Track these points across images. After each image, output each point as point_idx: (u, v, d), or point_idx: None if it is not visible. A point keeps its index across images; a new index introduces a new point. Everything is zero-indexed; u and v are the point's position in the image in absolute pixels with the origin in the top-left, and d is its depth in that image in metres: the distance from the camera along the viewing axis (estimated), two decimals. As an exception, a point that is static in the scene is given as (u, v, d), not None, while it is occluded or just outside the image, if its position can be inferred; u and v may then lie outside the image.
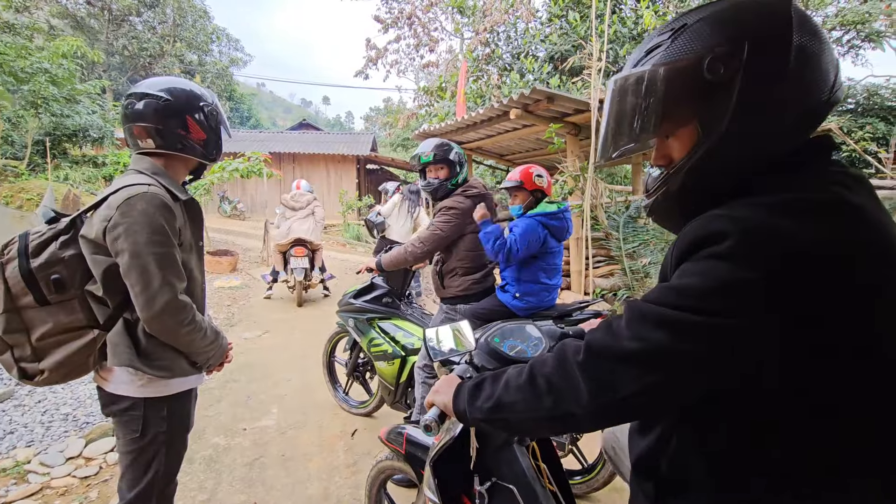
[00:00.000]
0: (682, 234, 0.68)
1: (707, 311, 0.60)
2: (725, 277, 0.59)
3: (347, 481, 2.36)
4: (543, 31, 10.34)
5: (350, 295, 2.87)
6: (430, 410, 0.92)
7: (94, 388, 3.23)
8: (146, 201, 1.22)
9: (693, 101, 0.69)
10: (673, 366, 0.62)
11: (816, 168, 0.67)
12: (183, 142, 1.38)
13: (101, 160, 10.51)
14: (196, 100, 1.41)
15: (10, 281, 1.19)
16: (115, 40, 20.59)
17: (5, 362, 1.24)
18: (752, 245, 0.59)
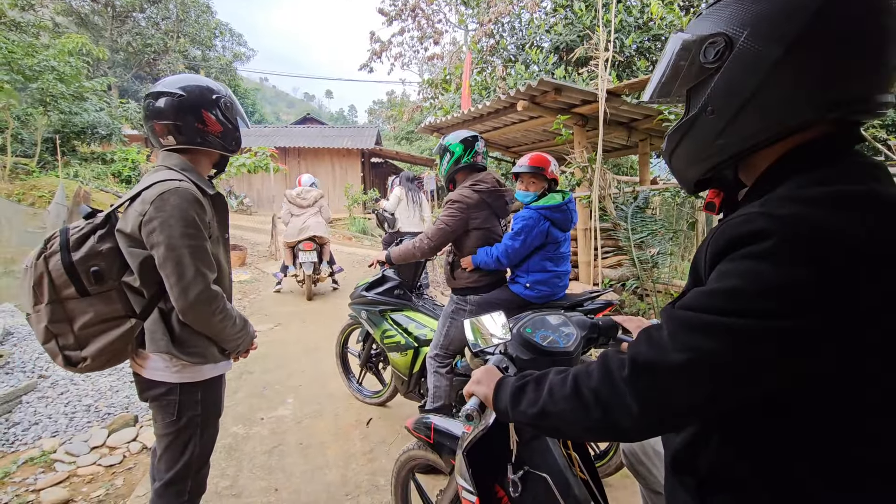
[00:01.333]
0: (718, 233, 0.66)
1: (756, 314, 0.58)
2: (772, 278, 0.58)
3: (364, 468, 2.42)
4: (548, 21, 10.26)
5: (362, 287, 2.91)
6: (470, 400, 0.94)
7: (114, 380, 3.32)
8: (179, 196, 1.28)
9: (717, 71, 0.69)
10: (725, 374, 0.61)
11: (847, 159, 0.66)
12: (202, 136, 1.43)
13: (110, 157, 10.60)
14: (209, 93, 1.45)
15: (53, 273, 1.25)
16: (119, 37, 20.63)
17: (51, 350, 1.31)
18: (796, 243, 0.57)
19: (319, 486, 2.28)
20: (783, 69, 0.63)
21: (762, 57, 0.63)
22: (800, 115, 0.64)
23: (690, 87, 0.74)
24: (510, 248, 2.30)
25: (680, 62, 0.73)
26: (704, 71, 0.70)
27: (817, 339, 0.57)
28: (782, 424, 0.65)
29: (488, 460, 1.18)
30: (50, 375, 3.34)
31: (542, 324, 1.15)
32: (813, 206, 0.59)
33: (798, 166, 0.67)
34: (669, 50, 0.75)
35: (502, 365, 1.03)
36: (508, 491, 1.13)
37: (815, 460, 0.63)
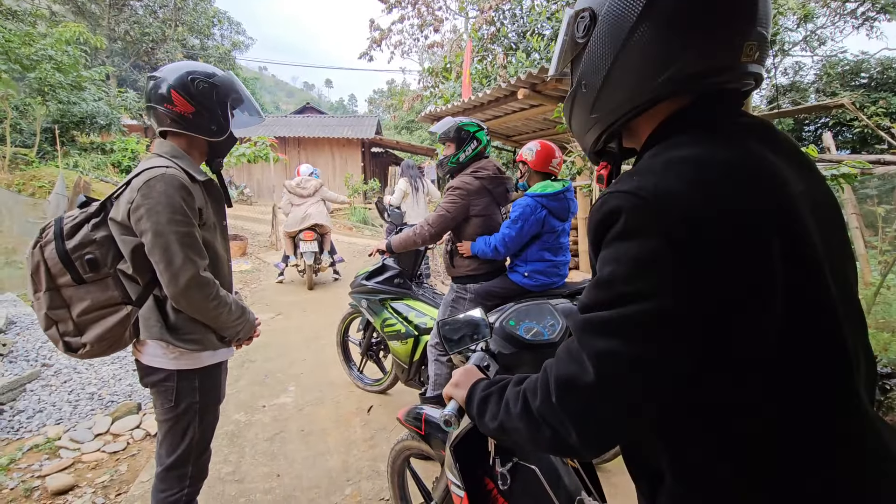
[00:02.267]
0: (590, 214, 0.65)
1: (633, 297, 0.56)
2: (634, 254, 0.56)
3: (365, 454, 2.45)
4: (549, 7, 10.13)
5: (362, 276, 2.92)
6: (448, 404, 0.90)
7: (117, 368, 3.34)
8: (165, 182, 1.27)
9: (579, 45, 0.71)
10: (636, 374, 0.57)
11: (720, 123, 0.65)
12: (174, 118, 1.38)
13: (109, 147, 10.56)
14: (183, 73, 1.37)
15: (49, 261, 1.27)
16: (116, 25, 20.42)
17: (52, 336, 1.33)
18: (639, 216, 0.57)
19: (321, 472, 2.31)
20: (633, 43, 0.62)
21: (616, 31, 0.64)
22: (651, 88, 0.64)
23: (570, 62, 0.74)
24: (507, 237, 2.30)
25: (564, 37, 0.73)
26: (577, 45, 0.70)
27: (695, 309, 0.55)
28: (690, 417, 0.62)
29: (478, 453, 1.16)
30: (53, 364, 3.37)
31: (527, 314, 1.12)
32: (653, 175, 0.59)
33: (668, 134, 0.66)
34: (562, 25, 0.74)
35: (483, 363, 0.98)
36: (497, 483, 1.12)
37: (721, 446, 0.60)
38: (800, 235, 0.58)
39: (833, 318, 0.59)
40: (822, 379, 0.58)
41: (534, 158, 2.43)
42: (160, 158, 1.36)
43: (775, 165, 0.61)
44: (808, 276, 0.58)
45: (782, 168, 0.62)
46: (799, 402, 0.58)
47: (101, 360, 3.50)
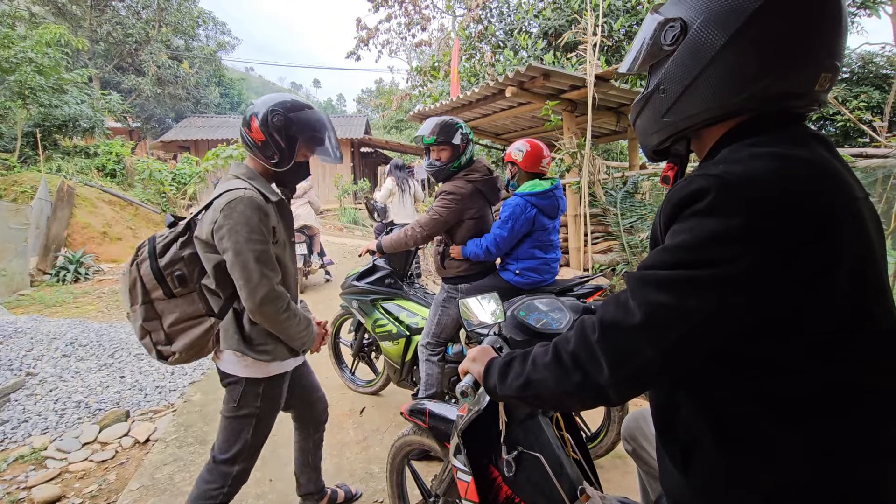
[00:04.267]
0: (666, 199, 0.71)
1: (700, 264, 0.63)
2: (710, 228, 0.62)
3: (359, 456, 2.43)
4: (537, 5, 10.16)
5: (353, 277, 2.90)
6: (465, 377, 0.96)
7: (104, 376, 3.29)
8: (244, 204, 1.38)
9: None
10: (682, 324, 0.64)
11: (785, 131, 0.71)
12: (246, 140, 1.53)
13: (93, 150, 10.38)
14: (270, 104, 1.51)
15: (144, 278, 1.42)
16: (98, 27, 20.08)
17: (146, 345, 1.47)
18: (727, 195, 0.62)
19: (314, 476, 2.29)
20: (722, 59, 0.68)
21: (708, 46, 0.69)
22: (731, 104, 0.70)
23: (651, 65, 0.78)
24: (499, 238, 2.30)
25: (647, 40, 0.78)
26: (662, 52, 0.75)
27: (755, 284, 0.61)
28: (733, 375, 0.68)
29: (483, 442, 1.19)
30: (38, 373, 3.31)
31: (536, 307, 1.17)
32: (740, 164, 0.65)
33: (738, 138, 0.73)
34: (643, 27, 0.79)
35: (496, 345, 1.05)
36: (503, 471, 1.15)
37: (766, 404, 0.66)
38: (866, 234, 0.66)
39: (889, 299, 0.67)
40: (881, 349, 0.65)
41: (523, 160, 2.43)
42: (238, 180, 1.47)
43: (842, 172, 0.68)
44: (865, 262, 0.65)
45: (846, 175, 0.69)
46: (857, 367, 0.64)
47: (88, 367, 3.45)
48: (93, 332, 4.08)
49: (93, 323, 4.44)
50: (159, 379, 3.35)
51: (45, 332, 4.01)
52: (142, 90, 21.24)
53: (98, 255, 7.16)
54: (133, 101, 21.39)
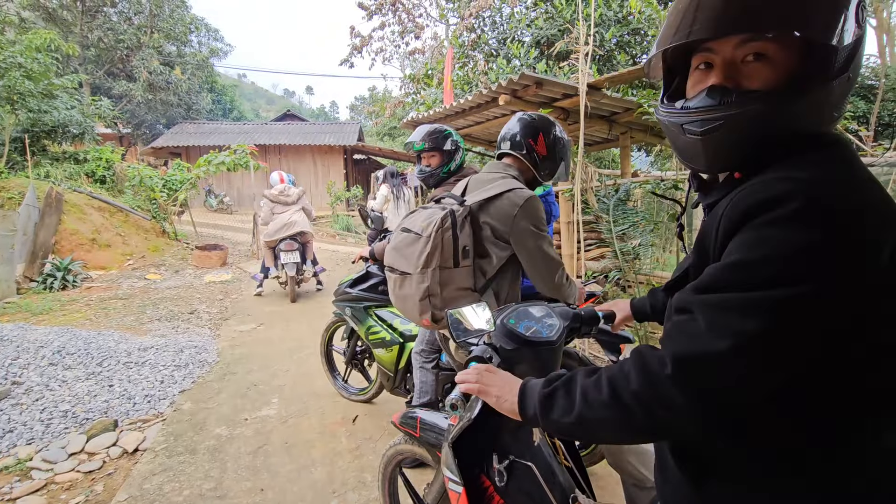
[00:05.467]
0: (732, 205, 0.65)
1: (790, 281, 0.57)
2: (798, 240, 0.57)
3: (351, 465, 2.41)
4: (529, 15, 10.27)
5: (346, 284, 2.89)
6: (455, 389, 0.94)
7: (92, 384, 3.23)
8: (537, 202, 1.66)
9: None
10: (776, 351, 0.58)
11: (834, 147, 0.69)
12: (527, 147, 1.79)
13: (83, 156, 10.27)
14: (556, 127, 1.83)
15: (444, 245, 1.62)
16: (89, 32, 19.95)
17: (423, 306, 1.65)
18: (818, 205, 0.58)
19: (306, 485, 2.26)
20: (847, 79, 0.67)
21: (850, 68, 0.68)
22: (832, 119, 0.70)
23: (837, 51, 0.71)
24: None
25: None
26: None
27: (849, 299, 0.57)
28: (787, 400, 0.64)
29: (474, 451, 1.18)
30: (24, 382, 3.25)
31: (526, 315, 1.15)
32: (815, 169, 0.61)
33: (791, 151, 0.68)
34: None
35: (486, 355, 1.03)
36: (494, 480, 1.14)
37: (819, 436, 0.63)
38: None
39: None
40: None
41: None
42: (515, 180, 1.72)
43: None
44: None
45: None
46: None
47: (75, 376, 3.39)
48: (80, 341, 4.02)
49: (80, 331, 4.37)
50: (148, 388, 3.30)
51: (31, 341, 3.94)
52: (133, 96, 21.10)
53: (86, 263, 7.06)
54: (124, 107, 21.24)
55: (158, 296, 6.02)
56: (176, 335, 4.49)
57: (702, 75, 0.75)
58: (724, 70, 0.71)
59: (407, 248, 1.68)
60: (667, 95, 0.85)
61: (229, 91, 34.68)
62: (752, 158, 0.70)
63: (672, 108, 0.77)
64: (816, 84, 0.66)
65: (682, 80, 0.82)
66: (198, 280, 7.00)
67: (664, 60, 0.84)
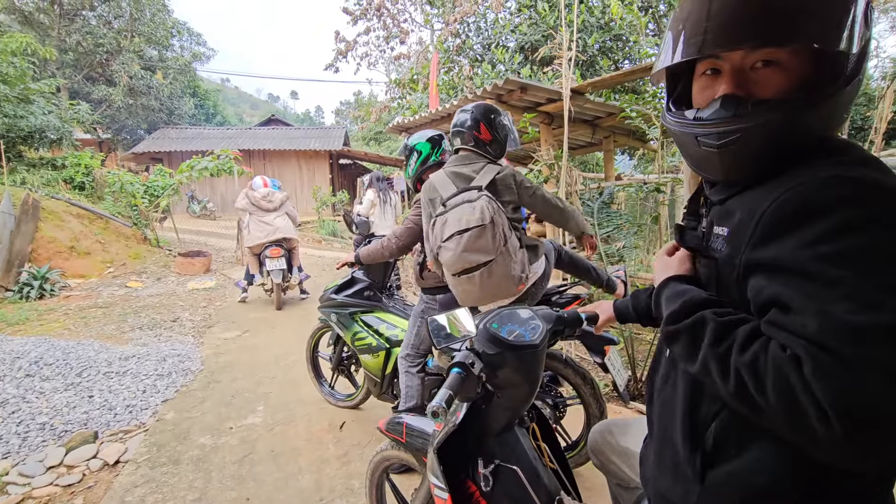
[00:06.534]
0: (781, 202, 0.63)
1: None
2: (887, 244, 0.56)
3: (339, 472, 2.39)
4: (513, 21, 10.37)
5: (331, 290, 2.87)
6: (437, 396, 0.93)
7: (71, 395, 3.15)
8: (515, 169, 2.05)
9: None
10: None
11: (844, 150, 0.69)
12: (475, 139, 2.05)
13: (61, 162, 10.04)
14: (486, 112, 2.05)
15: (504, 222, 1.85)
16: (67, 36, 19.56)
17: (515, 277, 1.87)
18: (885, 200, 0.58)
19: (292, 493, 2.24)
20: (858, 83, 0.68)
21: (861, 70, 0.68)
22: (841, 121, 0.71)
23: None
24: None
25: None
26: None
27: None
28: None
29: (459, 456, 1.18)
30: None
31: (509, 318, 1.15)
32: (873, 170, 0.61)
33: (808, 152, 0.68)
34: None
35: (468, 360, 1.03)
36: (480, 485, 1.14)
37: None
38: None
39: None
40: None
41: None
42: (492, 164, 2.04)
43: None
44: None
45: None
46: None
47: (53, 387, 3.31)
48: (59, 351, 3.92)
49: (59, 341, 4.26)
50: (130, 398, 3.23)
51: (6, 351, 3.83)
52: (113, 101, 20.72)
53: (65, 271, 6.90)
54: (104, 112, 20.83)
55: (140, 304, 5.91)
56: (158, 344, 4.41)
57: (709, 81, 0.75)
58: (734, 77, 0.71)
59: (477, 242, 1.78)
60: (672, 101, 0.83)
61: (212, 96, 34.28)
62: (770, 165, 0.70)
63: (683, 119, 0.76)
64: (830, 90, 0.66)
65: (686, 84, 0.81)
66: (181, 287, 6.89)
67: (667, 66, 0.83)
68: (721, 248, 0.73)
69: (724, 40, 0.67)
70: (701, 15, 0.69)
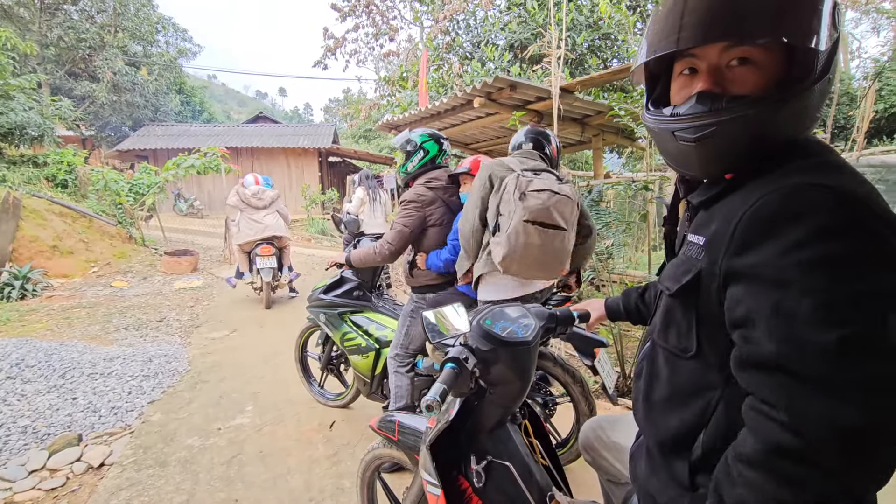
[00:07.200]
0: (755, 210, 0.64)
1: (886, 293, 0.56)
2: (872, 249, 0.57)
3: (329, 472, 2.37)
4: (503, 19, 10.37)
5: (320, 290, 2.84)
6: (431, 390, 0.93)
7: (54, 398, 3.09)
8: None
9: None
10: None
11: (816, 153, 0.71)
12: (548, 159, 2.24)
13: (43, 160, 9.83)
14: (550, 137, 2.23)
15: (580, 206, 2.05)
16: (49, 31, 19.13)
17: (567, 255, 2.01)
18: (857, 209, 0.59)
19: (282, 494, 2.21)
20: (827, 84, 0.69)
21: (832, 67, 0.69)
22: (814, 120, 0.72)
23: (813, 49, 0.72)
24: (459, 249, 2.30)
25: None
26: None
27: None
28: None
29: (452, 453, 1.18)
30: (-21, 397, 3.08)
31: (502, 315, 1.15)
32: (848, 177, 0.63)
33: (787, 154, 0.71)
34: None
35: (462, 356, 1.03)
36: (472, 481, 1.14)
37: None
38: None
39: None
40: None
41: (467, 165, 2.41)
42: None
43: None
44: None
45: None
46: None
47: (35, 389, 3.24)
48: (41, 352, 3.84)
49: (41, 342, 4.17)
50: (115, 399, 3.18)
51: (-13, 353, 3.74)
52: (96, 97, 20.34)
53: (47, 270, 6.76)
54: (87, 109, 20.45)
55: (125, 304, 5.81)
56: (144, 344, 4.34)
57: (686, 80, 0.76)
58: (711, 75, 0.73)
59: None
60: (651, 101, 0.85)
61: (199, 93, 33.81)
62: (745, 162, 0.72)
63: (660, 115, 0.78)
64: (801, 88, 0.68)
65: (665, 85, 0.83)
66: (167, 287, 6.79)
67: (646, 66, 0.85)
68: (698, 256, 0.74)
69: (700, 36, 0.69)
70: (677, 12, 0.71)
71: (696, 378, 0.76)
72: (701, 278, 0.73)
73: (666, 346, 0.82)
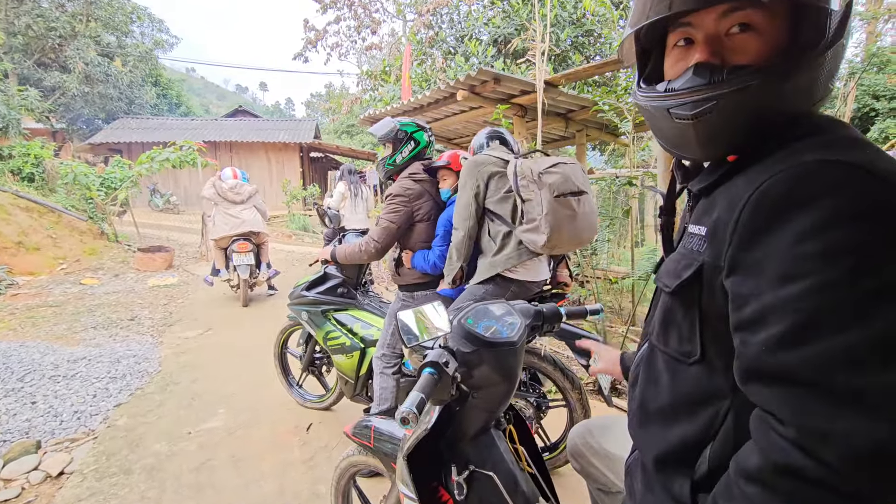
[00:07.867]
0: (760, 194, 0.56)
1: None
2: (881, 235, 0.50)
3: (304, 476, 2.27)
4: (486, 13, 10.30)
5: (302, 287, 2.71)
6: (407, 399, 0.84)
7: (11, 402, 2.91)
8: None
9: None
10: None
11: (845, 128, 0.63)
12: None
13: (8, 152, 9.42)
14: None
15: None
16: (16, 19, 18.35)
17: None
18: (882, 188, 0.51)
19: (254, 500, 2.10)
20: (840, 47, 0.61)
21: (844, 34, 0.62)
22: (827, 92, 0.64)
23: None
24: (444, 251, 2.21)
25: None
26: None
27: None
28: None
29: (431, 463, 1.09)
30: (-72, 402, 2.88)
31: (485, 314, 1.07)
32: (862, 151, 0.55)
33: (790, 130, 0.63)
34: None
35: (442, 359, 0.94)
36: (453, 493, 1.06)
37: None
38: None
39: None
40: None
41: (446, 158, 2.33)
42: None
43: None
44: None
45: None
46: None
47: (-8, 393, 3.04)
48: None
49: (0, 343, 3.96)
50: (78, 403, 3.01)
51: (-60, 355, 3.52)
52: (67, 88, 19.61)
53: (12, 267, 6.45)
54: (57, 101, 19.72)
55: (95, 302, 5.58)
56: (113, 344, 4.15)
57: (682, 53, 0.68)
58: (709, 45, 0.65)
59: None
60: (643, 79, 0.76)
61: (176, 85, 32.91)
62: (749, 141, 0.64)
63: (654, 92, 0.69)
64: (812, 55, 0.60)
65: (658, 60, 0.75)
66: (140, 284, 6.55)
67: (637, 40, 0.76)
68: (699, 248, 0.66)
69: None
70: None
71: (700, 386, 0.68)
72: (703, 273, 0.65)
73: (665, 350, 0.74)
